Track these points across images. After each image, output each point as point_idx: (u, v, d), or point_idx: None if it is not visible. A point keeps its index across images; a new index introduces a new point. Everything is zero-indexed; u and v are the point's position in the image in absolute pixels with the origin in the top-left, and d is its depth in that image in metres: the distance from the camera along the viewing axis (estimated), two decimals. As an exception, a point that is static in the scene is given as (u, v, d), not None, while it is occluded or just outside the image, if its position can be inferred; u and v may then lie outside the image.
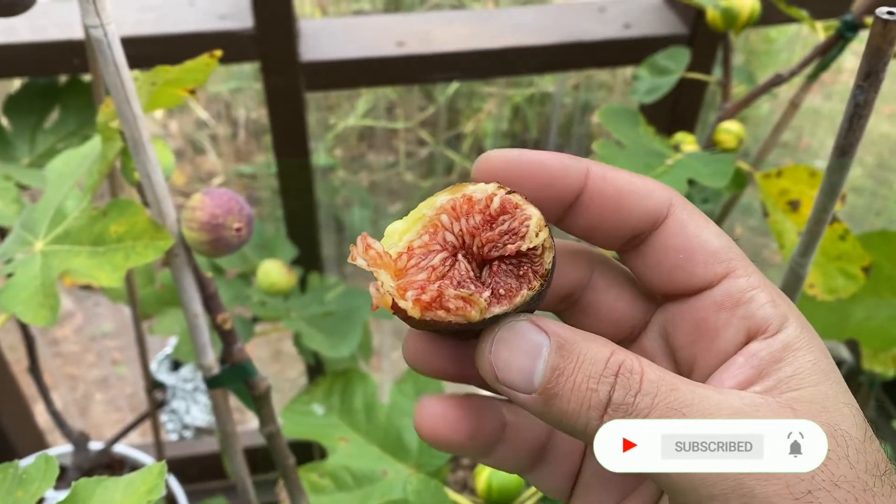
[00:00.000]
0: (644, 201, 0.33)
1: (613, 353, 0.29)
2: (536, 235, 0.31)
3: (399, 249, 0.32)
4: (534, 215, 0.32)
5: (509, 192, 0.32)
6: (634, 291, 0.37)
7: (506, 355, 0.30)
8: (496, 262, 0.32)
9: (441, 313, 0.30)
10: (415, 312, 0.30)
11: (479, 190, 0.32)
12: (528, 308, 0.32)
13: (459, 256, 0.32)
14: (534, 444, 0.37)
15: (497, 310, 0.31)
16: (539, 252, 0.31)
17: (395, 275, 0.32)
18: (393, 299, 0.31)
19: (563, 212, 0.34)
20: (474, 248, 0.32)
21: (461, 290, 0.31)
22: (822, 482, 0.27)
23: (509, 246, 0.31)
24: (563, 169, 0.33)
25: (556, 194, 0.33)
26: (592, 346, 0.30)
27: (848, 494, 0.27)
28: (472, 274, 0.32)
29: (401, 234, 0.33)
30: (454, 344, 0.35)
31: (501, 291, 0.31)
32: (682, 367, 0.35)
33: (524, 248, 0.31)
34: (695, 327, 0.34)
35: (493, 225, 0.32)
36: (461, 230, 0.32)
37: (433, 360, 0.35)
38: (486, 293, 0.31)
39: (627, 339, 0.37)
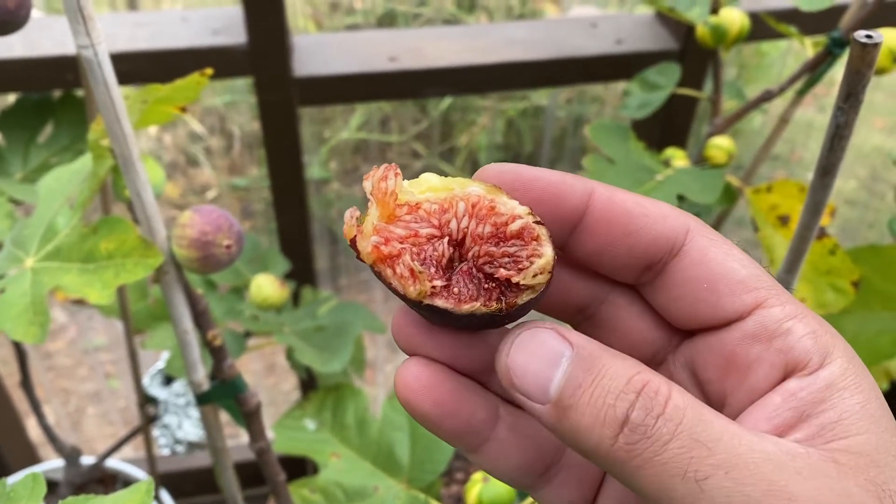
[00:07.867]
0: (656, 225, 0.31)
1: (639, 373, 0.27)
2: (533, 277, 0.30)
3: (409, 200, 0.31)
4: (545, 256, 0.30)
5: (537, 223, 0.30)
6: (658, 314, 0.34)
7: (523, 360, 0.28)
8: (473, 263, 0.31)
9: (388, 272, 0.30)
10: (367, 257, 0.30)
11: (508, 206, 0.31)
12: (472, 322, 0.30)
13: (445, 241, 0.31)
14: (535, 454, 0.33)
15: (439, 302, 0.30)
16: (523, 289, 0.30)
17: (385, 216, 0.31)
18: (356, 236, 0.30)
19: (567, 234, 0.32)
20: (467, 249, 0.31)
21: (416, 263, 0.30)
22: None
23: (502, 270, 0.30)
24: (563, 184, 0.31)
25: (556, 211, 0.31)
26: (617, 362, 0.28)
27: None
28: (444, 261, 0.31)
29: (428, 189, 0.32)
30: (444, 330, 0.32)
31: (455, 290, 0.30)
32: (713, 401, 0.32)
33: (514, 280, 0.30)
34: (724, 362, 0.31)
35: (500, 243, 0.30)
36: (466, 228, 0.31)
37: (421, 338, 0.32)
38: (438, 283, 0.30)
39: (648, 364, 0.34)
